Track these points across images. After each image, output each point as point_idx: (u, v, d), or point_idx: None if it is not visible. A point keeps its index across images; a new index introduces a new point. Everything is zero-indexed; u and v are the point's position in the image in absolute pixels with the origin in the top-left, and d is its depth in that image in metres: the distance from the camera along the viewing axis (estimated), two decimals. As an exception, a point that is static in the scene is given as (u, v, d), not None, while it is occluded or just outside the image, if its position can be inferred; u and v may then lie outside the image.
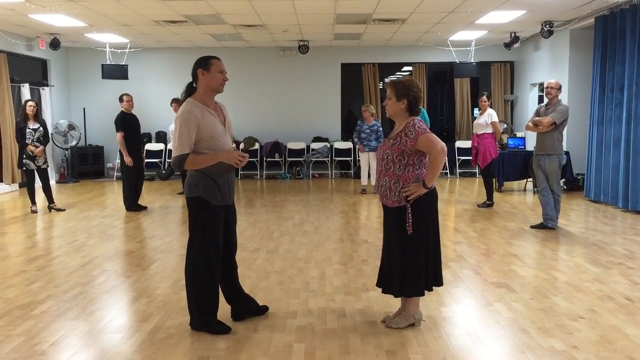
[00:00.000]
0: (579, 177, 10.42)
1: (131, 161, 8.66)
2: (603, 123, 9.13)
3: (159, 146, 13.50)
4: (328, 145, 13.50)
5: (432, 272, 3.82)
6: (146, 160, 11.11)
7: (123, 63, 12.58)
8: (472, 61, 12.39)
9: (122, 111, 8.85)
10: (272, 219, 8.07)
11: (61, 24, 10.36)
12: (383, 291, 3.95)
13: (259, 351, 3.53)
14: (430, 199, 3.77)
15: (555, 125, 6.77)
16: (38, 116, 8.76)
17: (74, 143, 13.04)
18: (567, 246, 6.26)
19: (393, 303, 4.27)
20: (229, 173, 3.84)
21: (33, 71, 12.66)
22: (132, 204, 8.88)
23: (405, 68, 14.96)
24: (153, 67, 13.84)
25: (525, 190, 10.86)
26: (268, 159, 13.33)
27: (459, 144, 13.41)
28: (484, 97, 8.92)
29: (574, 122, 9.85)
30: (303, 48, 12.65)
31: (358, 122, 10.43)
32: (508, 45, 12.28)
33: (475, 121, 9.13)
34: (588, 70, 10.02)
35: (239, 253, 4.23)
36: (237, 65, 13.13)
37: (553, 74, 11.05)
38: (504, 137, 11.33)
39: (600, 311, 4.18)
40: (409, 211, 3.70)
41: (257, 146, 13.14)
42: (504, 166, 10.34)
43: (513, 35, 11.82)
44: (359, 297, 4.55)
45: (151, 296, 4.64)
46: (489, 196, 8.94)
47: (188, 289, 3.83)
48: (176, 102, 10.51)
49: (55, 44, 11.60)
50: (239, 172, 13.11)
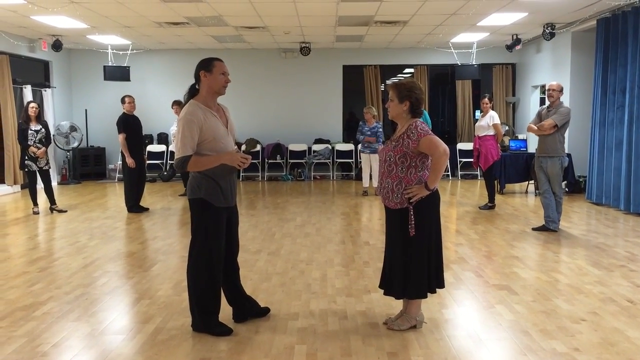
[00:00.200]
0: (581, 180, 10.42)
1: (133, 163, 8.66)
2: (605, 125, 9.13)
3: (161, 148, 13.52)
4: (329, 147, 13.50)
5: (434, 274, 3.82)
6: (148, 161, 11.12)
7: (125, 65, 12.60)
8: (474, 63, 12.40)
9: (124, 113, 8.86)
10: (274, 221, 8.08)
11: (63, 26, 10.38)
12: (385, 293, 3.95)
13: (261, 353, 3.54)
14: (432, 201, 3.77)
15: (557, 127, 6.77)
16: (40, 118, 8.78)
17: (76, 144, 13.06)
18: (569, 248, 6.26)
19: (394, 305, 4.27)
20: (232, 175, 3.84)
21: (35, 72, 12.69)
22: (134, 206, 8.88)
23: (406, 70, 14.96)
24: (155, 69, 13.86)
25: (526, 192, 10.85)
26: (269, 161, 13.34)
27: (461, 146, 13.41)
28: (486, 99, 8.92)
29: (576, 125, 9.85)
30: (305, 50, 12.67)
31: (360, 124, 10.44)
32: (510, 47, 12.28)
33: (477, 123, 9.13)
34: (590, 72, 10.02)
35: (241, 254, 4.23)
36: (239, 67, 13.14)
37: (555, 76, 11.05)
38: (506, 139, 11.33)
39: (602, 314, 4.18)
40: (412, 213, 3.70)
41: (259, 148, 13.15)
42: (506, 168, 10.34)
43: (515, 37, 11.82)
44: (361, 299, 4.55)
45: (153, 298, 4.65)
46: (491, 198, 8.94)
47: (190, 291, 3.84)
48: (177, 104, 10.53)
49: (57, 46, 11.63)
50: (241, 174, 13.11)
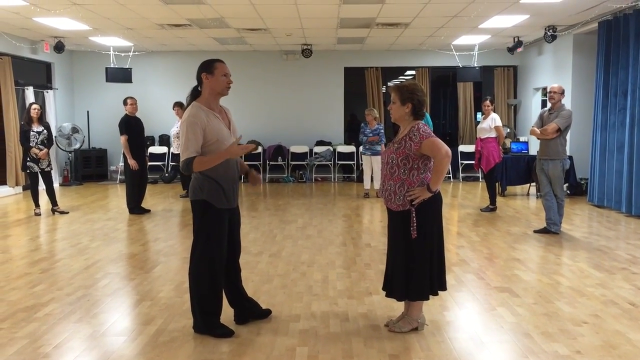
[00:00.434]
0: (583, 182, 10.41)
1: (135, 164, 8.66)
2: (606, 128, 9.12)
3: (162, 149, 13.52)
4: (331, 149, 13.50)
5: (436, 277, 3.82)
6: (149, 163, 11.12)
7: (127, 66, 12.62)
8: (476, 65, 12.41)
9: (126, 114, 8.86)
10: (275, 223, 8.08)
11: (65, 28, 10.40)
12: (387, 295, 3.95)
13: (262, 355, 3.53)
14: (434, 203, 3.77)
15: (560, 131, 6.77)
16: (42, 119, 8.79)
17: (78, 146, 13.07)
18: (571, 251, 6.25)
19: (396, 307, 4.27)
20: (234, 176, 3.85)
21: (37, 74, 12.71)
22: (136, 207, 8.89)
23: (408, 72, 14.97)
24: (157, 71, 13.88)
25: (528, 194, 10.85)
26: (271, 163, 13.33)
27: (462, 148, 13.40)
28: (487, 102, 8.92)
29: (577, 127, 9.84)
30: (306, 52, 12.67)
31: (362, 126, 10.44)
32: (511, 49, 12.28)
33: (478, 125, 9.13)
34: (591, 75, 10.02)
35: (242, 256, 4.23)
36: (241, 68, 13.14)
37: (556, 79, 11.05)
38: (507, 142, 11.33)
39: (603, 316, 4.17)
40: (414, 215, 3.70)
41: (260, 150, 13.16)
42: (507, 170, 10.33)
43: (516, 39, 11.82)
44: (362, 301, 4.55)
45: (154, 299, 4.65)
46: (492, 200, 8.93)
47: (191, 292, 3.84)
48: (178, 106, 10.54)
49: (59, 47, 11.64)
50: (242, 176, 13.09)
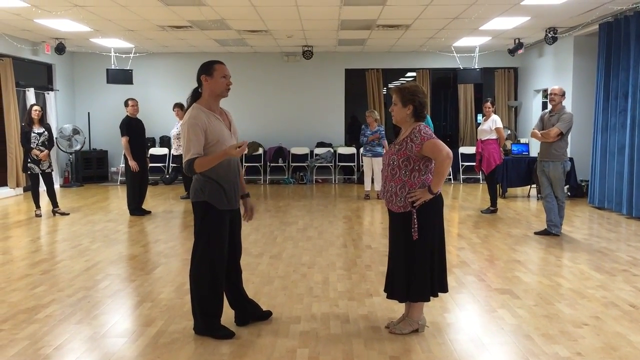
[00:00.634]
0: (583, 184, 10.40)
1: (136, 166, 8.66)
2: (607, 129, 9.12)
3: (163, 151, 13.53)
4: (332, 150, 13.50)
5: (437, 278, 3.82)
6: (150, 164, 11.13)
7: (128, 68, 12.63)
8: (476, 67, 12.42)
9: (128, 116, 8.87)
10: (276, 224, 8.08)
11: (66, 29, 10.41)
12: (388, 296, 3.95)
13: (263, 356, 3.53)
14: (435, 205, 3.77)
15: (562, 134, 6.77)
16: (43, 120, 8.79)
17: (79, 147, 13.08)
18: (571, 253, 6.25)
19: (397, 309, 4.27)
20: (235, 177, 3.85)
21: (38, 76, 12.72)
22: (136, 208, 8.89)
23: (409, 74, 14.96)
24: (158, 72, 13.89)
25: (529, 196, 10.84)
26: (272, 164, 13.33)
27: (463, 150, 13.40)
28: (488, 103, 8.92)
29: (578, 129, 9.84)
30: (307, 53, 12.68)
31: (362, 127, 10.44)
32: (512, 51, 12.29)
33: (479, 127, 9.13)
34: (592, 76, 10.02)
35: (243, 258, 4.23)
36: (242, 70, 13.16)
37: (557, 81, 11.05)
38: (508, 143, 11.33)
39: (604, 318, 4.17)
40: (415, 217, 3.70)
41: (261, 151, 13.16)
42: (508, 172, 10.33)
43: (517, 41, 11.83)
44: (363, 303, 4.55)
45: (155, 300, 4.65)
46: (493, 202, 8.93)
47: (192, 294, 3.84)
48: (178, 107, 10.55)
49: (60, 49, 11.65)
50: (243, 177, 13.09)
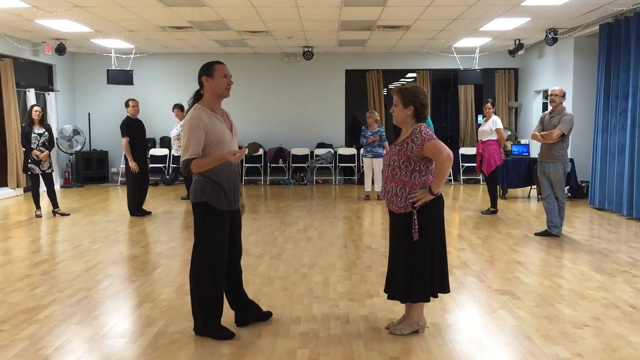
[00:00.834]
0: (584, 185, 10.40)
1: (136, 167, 8.66)
2: (607, 130, 9.12)
3: (163, 151, 13.53)
4: (332, 151, 13.50)
5: (438, 279, 3.81)
6: (150, 165, 11.12)
7: (128, 68, 12.64)
8: (477, 68, 12.42)
9: (128, 116, 8.86)
10: (276, 225, 8.08)
11: (67, 30, 10.42)
12: (389, 297, 3.95)
13: (263, 357, 3.53)
14: (436, 206, 3.77)
15: (563, 135, 6.77)
16: (43, 121, 8.79)
17: (79, 148, 13.09)
18: (572, 254, 6.24)
19: (397, 309, 4.27)
20: (235, 178, 3.85)
21: (39, 76, 12.73)
22: (136, 209, 8.89)
23: (409, 75, 14.98)
24: (158, 73, 13.89)
25: (529, 197, 10.84)
26: (272, 165, 13.34)
27: (463, 151, 13.40)
28: (489, 104, 8.92)
29: (579, 130, 9.83)
30: (307, 54, 12.68)
31: (362, 128, 10.45)
32: (512, 52, 12.30)
33: (480, 128, 9.13)
34: (592, 77, 10.02)
35: (243, 258, 4.23)
36: (242, 71, 13.16)
37: (557, 81, 11.05)
38: (508, 144, 11.32)
39: (604, 319, 4.17)
40: (415, 217, 3.70)
41: (261, 152, 13.16)
42: (508, 173, 10.32)
43: (517, 42, 11.83)
44: (363, 304, 4.55)
45: (155, 301, 4.65)
46: (493, 203, 8.93)
47: (192, 294, 3.84)
48: (178, 108, 10.55)
49: (61, 49, 11.66)
50: (243, 178, 13.12)
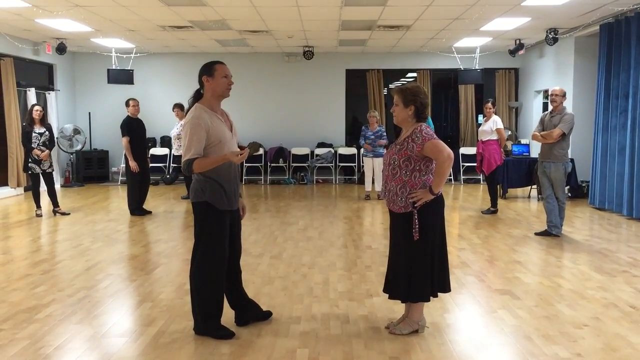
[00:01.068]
0: (584, 185, 10.40)
1: (136, 166, 8.66)
2: (608, 130, 9.12)
3: (164, 151, 13.53)
4: (332, 150, 13.51)
5: (438, 278, 3.82)
6: (151, 164, 11.13)
7: (129, 68, 12.64)
8: (477, 68, 12.41)
9: (128, 116, 8.86)
10: (276, 224, 8.08)
11: (67, 29, 10.42)
12: (390, 297, 3.95)
13: (263, 356, 3.54)
14: (436, 205, 3.77)
15: (564, 135, 6.78)
16: (44, 120, 8.79)
17: (79, 147, 13.10)
18: (572, 253, 6.25)
19: (397, 309, 4.27)
20: (235, 178, 3.86)
21: (39, 75, 12.73)
22: (137, 208, 8.89)
23: (409, 74, 14.97)
24: (158, 72, 13.90)
25: (529, 197, 10.84)
26: (272, 164, 13.34)
27: (463, 151, 13.39)
28: (489, 104, 8.92)
29: (579, 130, 9.81)
30: (308, 54, 12.69)
31: (363, 128, 10.45)
32: (513, 52, 12.29)
33: (480, 128, 9.13)
34: (593, 77, 10.02)
35: (243, 258, 4.24)
36: (242, 70, 13.17)
37: (558, 81, 11.04)
38: (509, 144, 11.32)
39: (604, 319, 4.17)
40: (416, 217, 3.70)
41: (262, 151, 13.16)
42: (509, 173, 10.32)
43: (518, 42, 11.83)
44: (363, 303, 4.55)
45: (155, 300, 4.66)
46: (493, 203, 8.93)
47: (192, 294, 3.84)
48: (178, 107, 10.55)
49: (61, 49, 11.66)
50: (243, 177, 13.12)
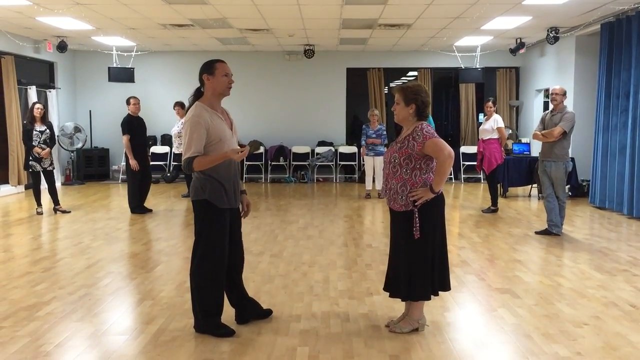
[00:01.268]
0: (584, 184, 10.40)
1: (136, 164, 8.66)
2: (608, 129, 9.12)
3: (164, 149, 13.53)
4: (333, 149, 13.50)
5: (438, 277, 3.82)
6: (151, 162, 11.13)
7: (129, 66, 12.64)
8: (478, 67, 12.41)
9: (129, 114, 8.87)
10: (277, 223, 8.09)
11: (68, 27, 10.41)
12: (391, 295, 3.96)
13: (263, 354, 3.54)
14: (437, 204, 3.77)
15: (565, 133, 6.78)
16: (45, 118, 8.79)
17: (80, 145, 13.10)
18: (572, 252, 6.25)
19: (397, 307, 4.27)
20: (236, 176, 3.86)
21: (40, 73, 12.73)
22: (137, 207, 8.90)
23: (410, 73, 14.97)
24: (159, 71, 13.89)
25: (529, 196, 10.84)
26: (273, 163, 13.33)
27: (464, 149, 13.38)
28: (490, 103, 8.92)
29: (579, 129, 9.80)
30: (309, 52, 12.68)
31: (363, 127, 10.45)
32: (513, 51, 12.28)
33: (481, 127, 9.13)
34: (593, 76, 10.01)
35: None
36: (243, 69, 13.17)
37: (558, 80, 11.04)
38: (509, 143, 11.32)
39: (604, 318, 4.17)
40: (416, 215, 3.71)
41: (262, 150, 13.15)
42: (509, 172, 10.32)
43: (519, 41, 11.81)
44: (363, 302, 4.55)
45: (155, 298, 4.66)
46: (494, 202, 8.93)
47: (193, 292, 3.85)
48: (179, 106, 10.55)
49: (62, 47, 11.66)
50: (244, 176, 13.12)
